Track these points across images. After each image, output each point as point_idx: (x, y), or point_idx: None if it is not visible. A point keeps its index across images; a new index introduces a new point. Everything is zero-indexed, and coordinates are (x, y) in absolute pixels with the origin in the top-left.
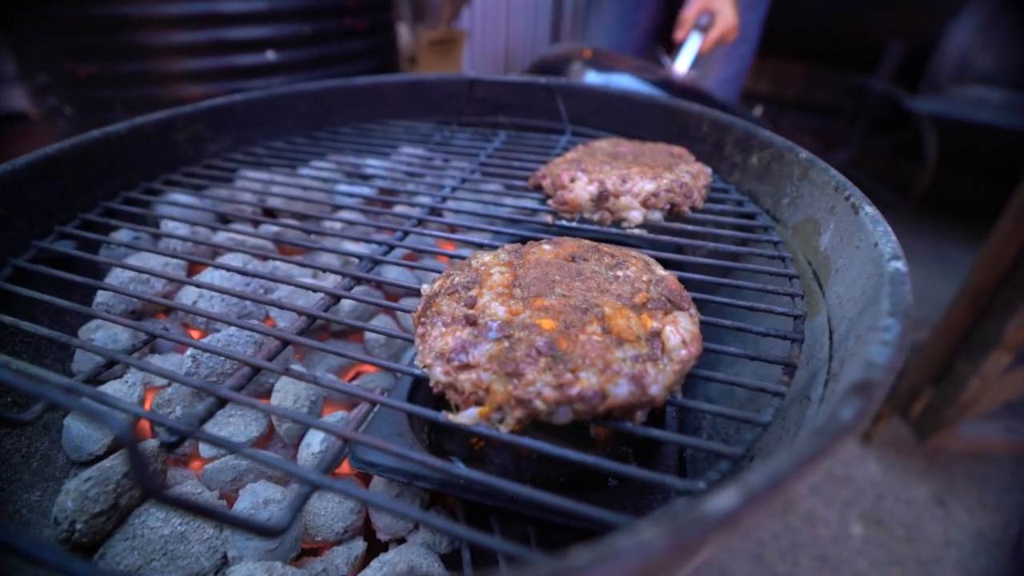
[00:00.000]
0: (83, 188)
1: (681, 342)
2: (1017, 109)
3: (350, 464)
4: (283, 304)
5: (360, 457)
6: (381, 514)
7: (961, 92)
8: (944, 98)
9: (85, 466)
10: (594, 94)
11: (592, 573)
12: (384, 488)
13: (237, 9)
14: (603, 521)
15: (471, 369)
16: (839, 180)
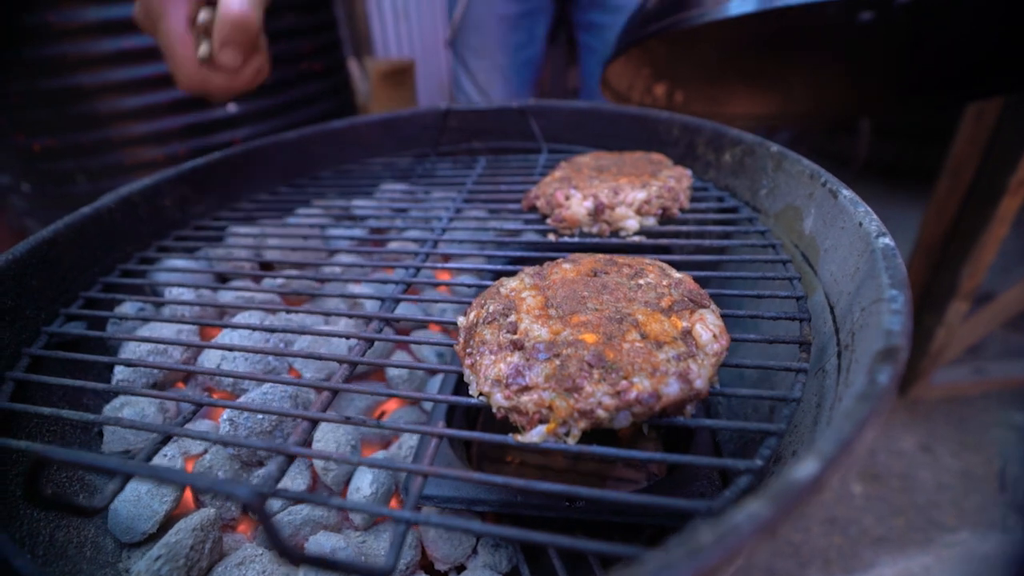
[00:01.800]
0: (81, 267)
1: (712, 337)
2: None
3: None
4: (323, 356)
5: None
6: (438, 544)
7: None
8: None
9: (138, 547)
10: (564, 111)
11: (718, 548)
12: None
13: None
14: (679, 509)
15: (531, 390)
16: (812, 168)
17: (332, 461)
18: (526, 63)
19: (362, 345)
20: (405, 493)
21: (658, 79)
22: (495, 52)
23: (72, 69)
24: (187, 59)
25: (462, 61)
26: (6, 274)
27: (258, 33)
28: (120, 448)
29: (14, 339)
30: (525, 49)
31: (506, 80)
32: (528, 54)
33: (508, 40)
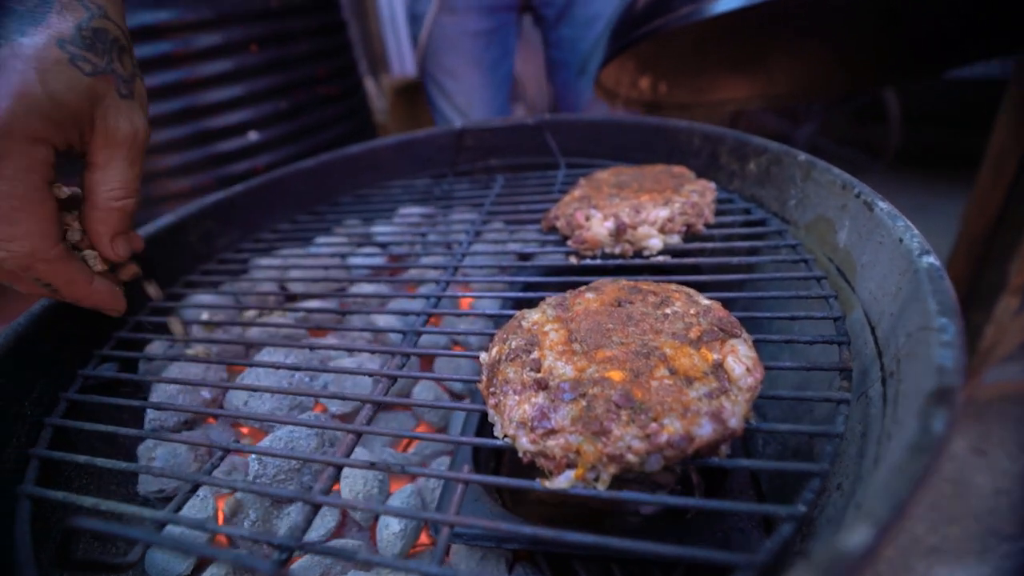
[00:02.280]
0: None
1: (746, 370)
2: None
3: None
4: (347, 396)
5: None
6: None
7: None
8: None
9: None
10: (581, 125)
11: None
12: (467, 554)
13: (217, 99)
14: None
15: (557, 434)
16: (845, 179)
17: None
18: (504, 79)
19: (386, 382)
20: (435, 531)
21: (642, 72)
22: (472, 72)
23: None
24: (83, 279)
25: (437, 84)
26: (44, 320)
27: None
28: (155, 488)
29: (52, 384)
30: (501, 65)
31: (485, 100)
32: (504, 70)
33: (484, 58)
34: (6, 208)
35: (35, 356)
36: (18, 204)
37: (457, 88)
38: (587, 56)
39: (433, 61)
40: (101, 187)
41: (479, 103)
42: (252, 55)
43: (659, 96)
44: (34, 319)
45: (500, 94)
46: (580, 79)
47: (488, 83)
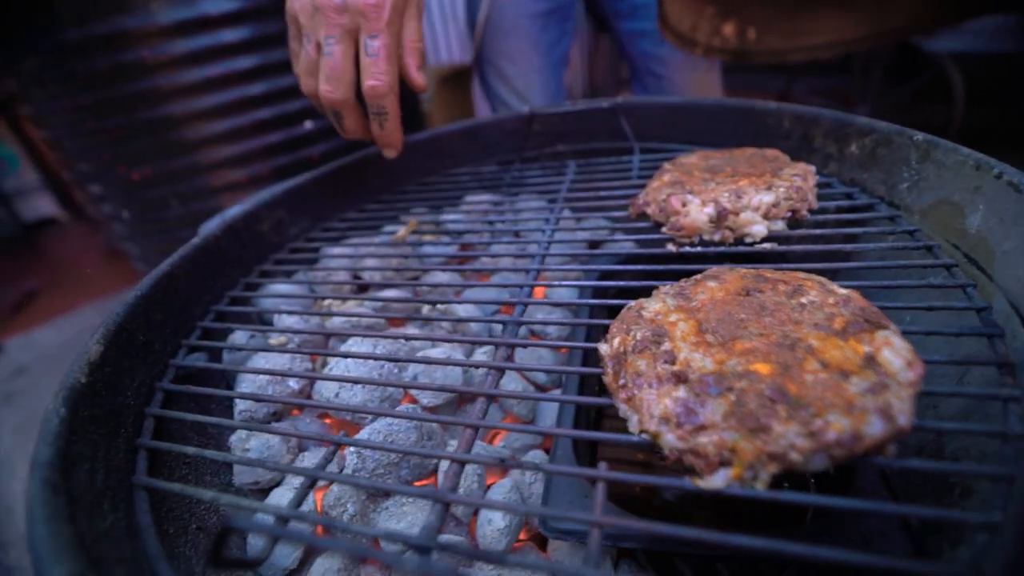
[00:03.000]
0: (195, 297)
1: (905, 364)
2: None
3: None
4: (457, 388)
5: (555, 527)
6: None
7: (977, 25)
8: (962, 34)
9: None
10: (657, 107)
11: None
12: (570, 551)
13: (274, 88)
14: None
15: (708, 430)
16: (978, 158)
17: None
18: (560, 60)
19: (495, 374)
20: (542, 526)
21: (725, 18)
22: (530, 54)
23: (164, 100)
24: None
25: (495, 68)
26: (136, 311)
27: None
28: (250, 480)
29: (148, 375)
30: (558, 46)
31: (544, 81)
32: (561, 50)
33: (541, 39)
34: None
35: (133, 346)
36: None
37: (515, 72)
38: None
39: (490, 44)
40: (409, 36)
41: (538, 85)
42: None
43: (747, 43)
44: (130, 308)
45: (556, 76)
46: (663, 46)
47: (545, 65)
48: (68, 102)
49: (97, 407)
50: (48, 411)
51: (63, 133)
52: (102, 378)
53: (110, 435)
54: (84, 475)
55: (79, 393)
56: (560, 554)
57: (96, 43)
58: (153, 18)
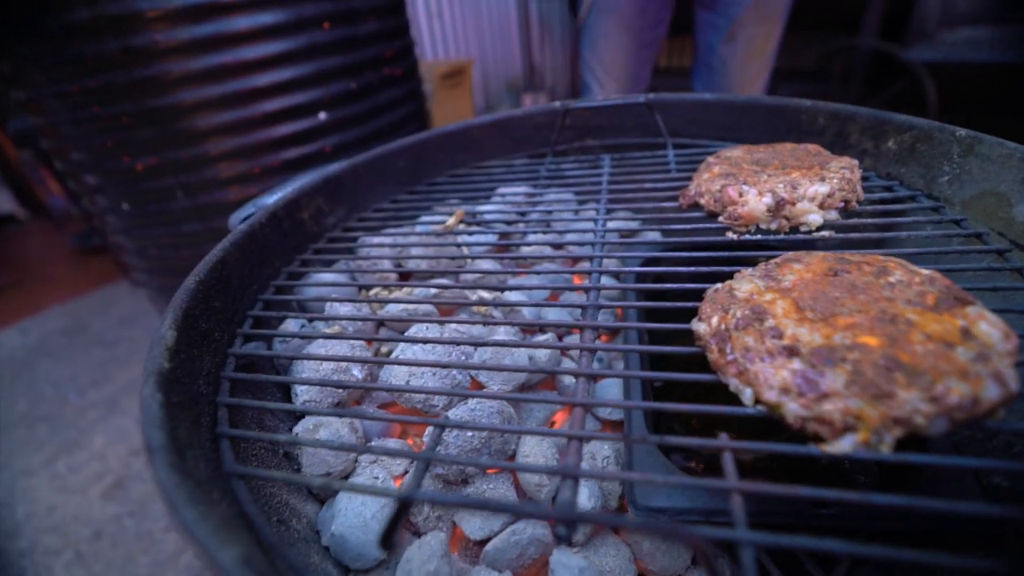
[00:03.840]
0: (245, 285)
1: (1003, 335)
2: (1006, 43)
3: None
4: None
5: (645, 504)
6: (655, 557)
7: (951, 36)
8: (937, 44)
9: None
10: (689, 104)
11: None
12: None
13: (288, 76)
14: None
15: (831, 398)
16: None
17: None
18: (649, 44)
19: (588, 355)
20: (632, 506)
21: None
22: (623, 34)
23: (174, 87)
24: None
25: (591, 40)
26: (198, 297)
27: None
28: (321, 471)
29: (212, 363)
30: (653, 31)
31: (632, 60)
32: (652, 36)
33: (637, 23)
34: None
35: (198, 333)
36: None
37: (606, 48)
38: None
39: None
40: None
41: (621, 64)
42: (324, 32)
43: None
44: (191, 293)
45: (640, 59)
46: (728, 45)
47: (633, 45)
48: (72, 86)
49: (182, 394)
50: (145, 396)
51: (62, 119)
52: (180, 364)
53: (195, 423)
54: (192, 461)
55: (166, 379)
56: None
57: (106, 24)
58: (166, 1)
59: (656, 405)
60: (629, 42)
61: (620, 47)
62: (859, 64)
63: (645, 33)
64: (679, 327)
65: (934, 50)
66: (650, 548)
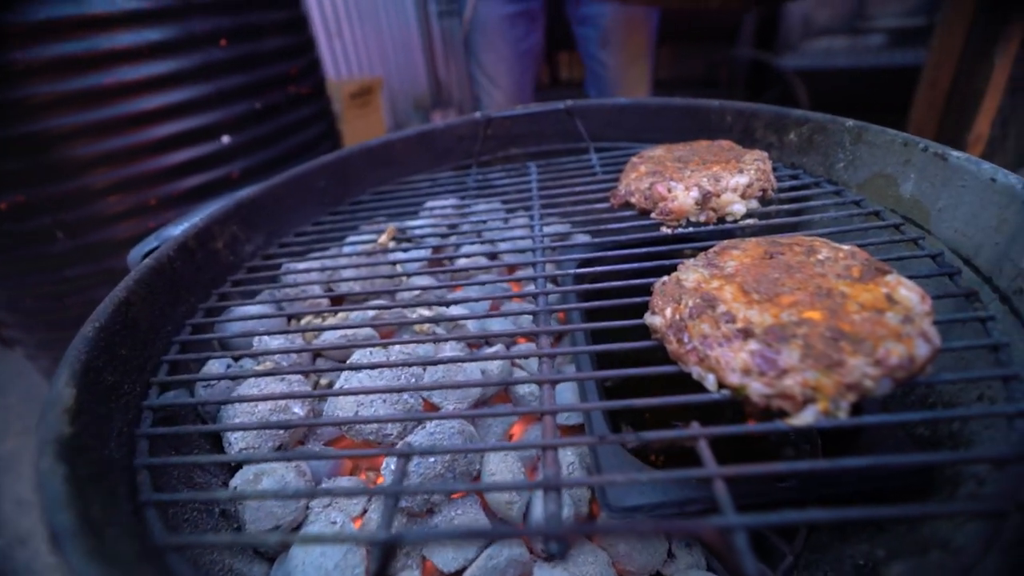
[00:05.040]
0: (155, 328)
1: (919, 297)
2: (858, 51)
3: (608, 516)
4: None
5: (620, 505)
6: (632, 556)
7: (812, 45)
8: (802, 53)
9: None
10: (607, 109)
11: None
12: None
13: (183, 98)
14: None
15: (790, 373)
16: (905, 137)
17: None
18: (526, 52)
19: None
20: (606, 508)
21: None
22: (500, 45)
23: (42, 112)
24: None
25: (474, 54)
26: (99, 346)
27: None
28: (268, 525)
29: (125, 421)
30: (524, 41)
31: (510, 68)
32: (527, 45)
33: (508, 35)
34: None
35: (103, 388)
36: None
37: (488, 59)
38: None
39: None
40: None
41: (504, 71)
42: (221, 50)
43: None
44: (92, 343)
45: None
46: (604, 51)
47: (512, 55)
48: None
49: (91, 463)
50: (43, 471)
51: None
52: (84, 427)
53: (111, 495)
54: (113, 542)
55: (68, 447)
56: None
57: None
58: (30, 14)
59: (623, 403)
60: (507, 53)
61: (500, 59)
62: (740, 72)
63: (519, 44)
64: (630, 324)
65: (800, 58)
66: (627, 549)
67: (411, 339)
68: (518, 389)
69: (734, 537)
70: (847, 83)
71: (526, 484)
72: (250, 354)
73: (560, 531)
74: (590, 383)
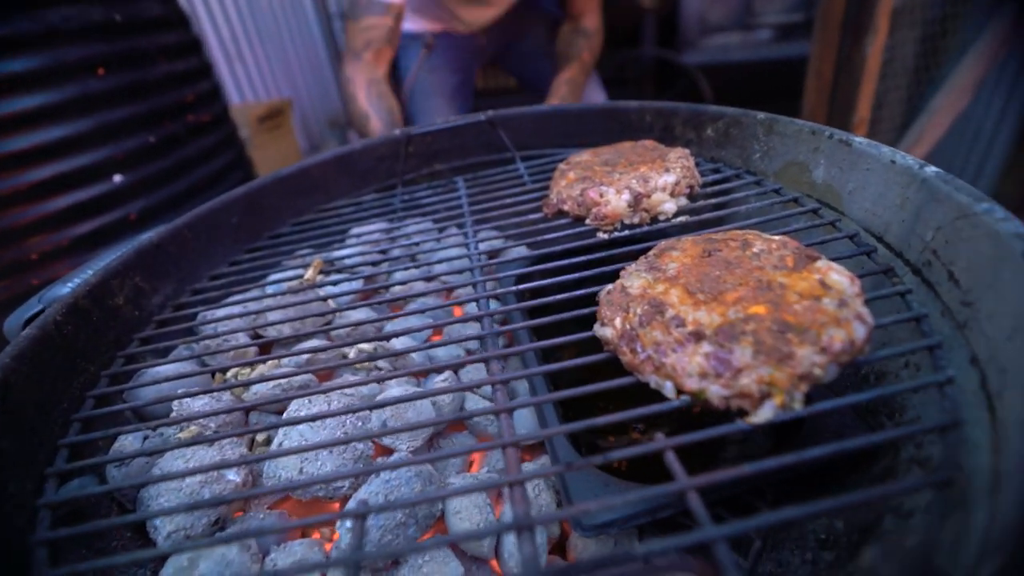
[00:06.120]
0: (45, 410)
1: (849, 280)
2: (750, 46)
3: (581, 536)
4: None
5: (592, 523)
6: None
7: (709, 42)
8: (701, 49)
9: None
10: (529, 117)
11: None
12: (598, 546)
13: (60, 135)
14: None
15: (744, 372)
16: (812, 126)
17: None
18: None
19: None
20: (578, 528)
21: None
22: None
23: None
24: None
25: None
26: None
27: None
28: None
29: (13, 528)
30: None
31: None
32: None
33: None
34: None
35: None
36: None
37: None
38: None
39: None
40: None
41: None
42: (99, 79)
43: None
44: None
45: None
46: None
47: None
48: None
49: None
50: None
51: None
52: None
53: None
54: None
55: None
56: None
57: None
58: None
59: (584, 424)
60: (449, 111)
61: (442, 114)
62: (646, 70)
63: (463, 105)
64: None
65: (700, 54)
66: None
67: (353, 379)
68: (473, 420)
69: (716, 548)
70: (744, 75)
71: (496, 528)
72: (170, 422)
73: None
74: (548, 405)
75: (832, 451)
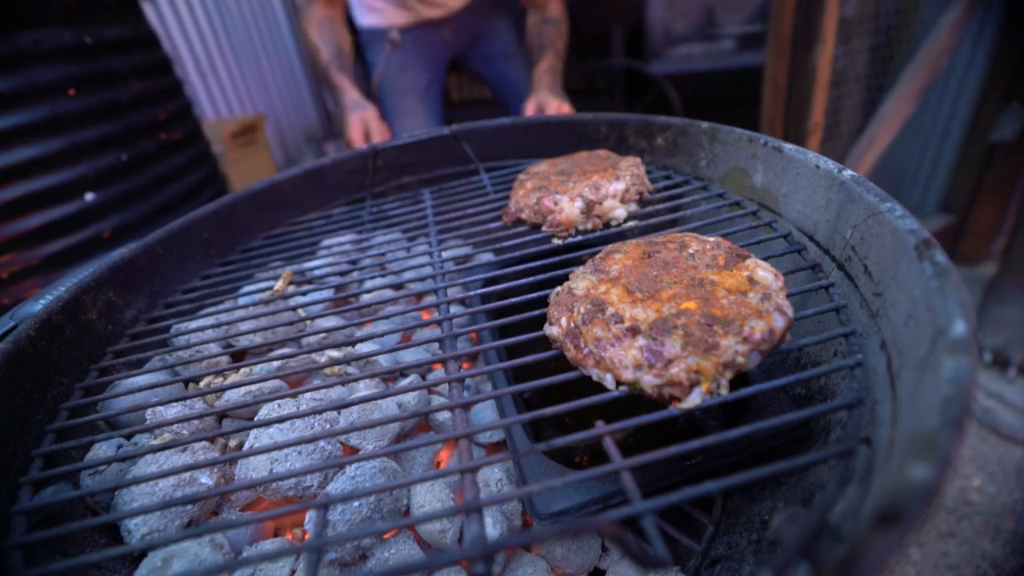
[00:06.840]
0: (20, 421)
1: (773, 276)
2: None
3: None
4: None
5: (548, 511)
6: (569, 558)
7: (674, 52)
8: (667, 59)
9: None
10: (491, 130)
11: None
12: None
13: (31, 155)
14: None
15: (675, 362)
16: (749, 134)
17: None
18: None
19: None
20: (536, 517)
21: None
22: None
23: None
24: None
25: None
26: None
27: None
28: None
29: None
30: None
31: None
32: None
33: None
34: None
35: None
36: None
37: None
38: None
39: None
40: None
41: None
42: (71, 100)
43: None
44: None
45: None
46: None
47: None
48: None
49: None
50: None
51: None
52: None
53: None
54: None
55: None
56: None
57: None
58: None
59: (533, 415)
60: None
61: (418, 123)
62: (616, 80)
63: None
64: (535, 335)
65: (667, 64)
66: (563, 553)
67: (322, 384)
68: (437, 416)
69: (644, 522)
70: (710, 84)
71: (448, 511)
72: (144, 429)
73: (475, 551)
74: (507, 399)
75: (749, 431)
